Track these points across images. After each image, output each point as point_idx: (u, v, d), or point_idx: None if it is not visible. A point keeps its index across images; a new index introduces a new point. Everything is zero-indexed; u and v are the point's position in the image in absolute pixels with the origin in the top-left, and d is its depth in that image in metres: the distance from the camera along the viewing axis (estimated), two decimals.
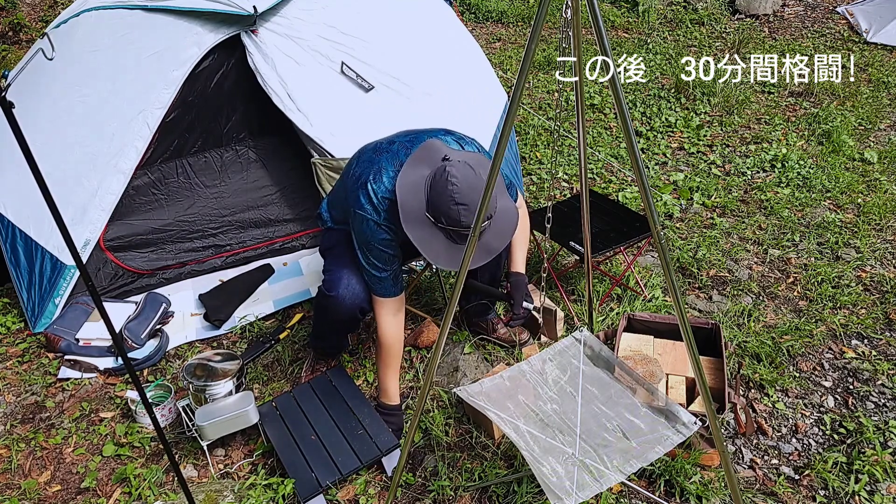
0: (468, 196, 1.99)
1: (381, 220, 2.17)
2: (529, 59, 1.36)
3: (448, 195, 2.00)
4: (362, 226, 2.20)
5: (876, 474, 2.27)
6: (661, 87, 5.43)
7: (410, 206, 2.08)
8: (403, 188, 2.09)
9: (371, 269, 2.26)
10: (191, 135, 3.19)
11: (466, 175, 2.02)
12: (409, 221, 2.07)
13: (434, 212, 2.05)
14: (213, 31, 3.00)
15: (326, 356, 2.73)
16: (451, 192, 2.00)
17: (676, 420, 1.96)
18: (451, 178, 2.00)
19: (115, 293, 3.10)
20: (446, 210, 2.02)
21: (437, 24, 3.71)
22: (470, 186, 2.01)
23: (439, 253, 2.08)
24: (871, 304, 3.09)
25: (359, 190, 2.21)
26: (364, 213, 2.18)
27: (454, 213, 2.01)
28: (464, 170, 2.03)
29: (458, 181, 2.00)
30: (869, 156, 4.33)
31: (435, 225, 2.07)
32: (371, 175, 2.20)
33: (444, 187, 2.01)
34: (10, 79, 3.25)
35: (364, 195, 2.18)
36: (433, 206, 2.04)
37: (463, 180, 2.00)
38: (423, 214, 2.07)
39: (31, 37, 6.17)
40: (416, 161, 2.14)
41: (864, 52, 6.00)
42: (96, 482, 2.36)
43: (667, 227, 3.70)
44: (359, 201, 2.19)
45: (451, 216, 2.02)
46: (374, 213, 2.17)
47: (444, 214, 2.03)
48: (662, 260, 1.51)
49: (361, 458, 2.28)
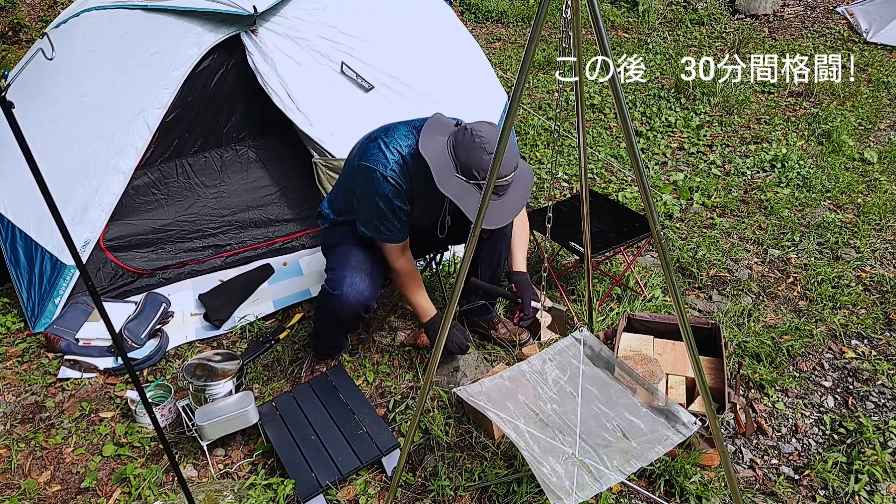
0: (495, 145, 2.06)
1: (388, 172, 2.21)
2: (529, 59, 1.37)
3: (478, 146, 2.08)
4: (368, 177, 2.24)
5: (876, 474, 2.27)
6: (661, 87, 5.43)
7: (440, 166, 2.13)
8: (429, 151, 2.14)
9: (380, 218, 2.29)
10: (191, 135, 3.19)
11: (489, 128, 2.12)
12: (443, 179, 2.12)
13: (465, 169, 2.11)
14: (213, 31, 3.00)
15: (326, 356, 2.73)
16: (480, 143, 2.08)
17: (676, 420, 1.96)
18: (476, 133, 2.09)
19: (115, 293, 3.10)
20: (478, 162, 2.08)
21: (437, 24, 3.71)
22: (494, 136, 2.11)
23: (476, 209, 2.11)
24: (871, 304, 3.09)
25: (368, 143, 2.28)
26: (370, 164, 2.22)
27: (487, 162, 2.06)
28: (485, 125, 2.12)
29: (483, 133, 2.09)
30: (869, 156, 4.33)
31: (468, 182, 2.12)
32: (382, 132, 2.29)
33: (471, 142, 2.09)
34: (10, 79, 3.25)
35: (374, 146, 2.24)
36: (463, 164, 2.11)
37: (488, 132, 2.10)
38: (452, 175, 2.12)
39: (31, 37, 6.17)
40: (430, 130, 2.21)
41: (864, 52, 6.00)
42: (96, 482, 2.36)
43: (667, 227, 3.70)
44: (367, 152, 2.25)
45: (484, 166, 2.08)
46: (384, 161, 2.21)
47: (477, 166, 2.09)
48: (662, 260, 1.51)
49: (361, 458, 2.28)
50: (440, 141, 2.16)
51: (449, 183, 2.12)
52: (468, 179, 2.12)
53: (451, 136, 2.16)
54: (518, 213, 2.29)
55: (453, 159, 2.13)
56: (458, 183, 2.13)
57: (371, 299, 2.38)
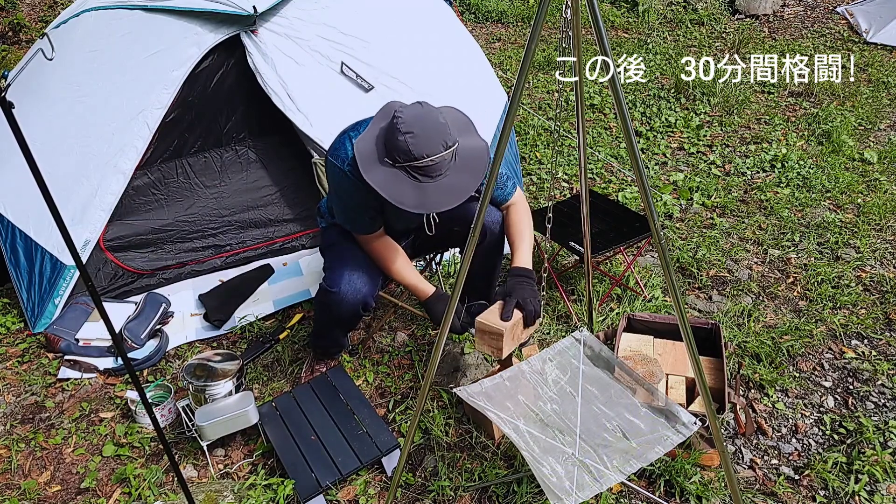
0: (413, 125, 1.97)
1: (346, 167, 2.18)
2: (529, 59, 1.37)
3: (394, 128, 1.99)
4: (332, 172, 2.25)
5: (876, 474, 2.27)
6: (660, 87, 5.43)
7: (367, 156, 2.06)
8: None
9: (347, 211, 2.30)
10: (191, 135, 3.19)
11: (413, 109, 2.01)
12: (368, 170, 2.04)
13: (389, 154, 2.03)
14: (213, 32, 3.00)
15: (326, 356, 2.73)
16: (396, 125, 1.98)
17: (676, 420, 1.96)
18: (397, 114, 2.00)
19: (115, 293, 3.10)
20: (395, 144, 1.99)
21: (437, 24, 3.71)
22: (415, 116, 1.98)
23: (404, 193, 2.04)
24: (871, 304, 3.09)
25: (338, 137, 2.25)
26: (333, 158, 2.22)
27: (402, 144, 1.97)
28: (412, 107, 2.03)
29: (402, 114, 1.99)
30: (869, 156, 4.33)
31: (393, 166, 2.04)
32: (352, 126, 2.26)
33: (391, 125, 2.01)
34: (10, 79, 3.25)
35: (340, 141, 2.23)
36: (387, 149, 2.03)
37: (408, 112, 2.00)
38: (378, 163, 2.05)
39: (31, 37, 6.17)
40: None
41: (864, 53, 6.00)
42: (96, 482, 2.36)
43: (667, 227, 3.70)
44: (334, 146, 2.24)
45: (401, 148, 1.98)
46: (344, 155, 2.19)
47: (396, 150, 2.00)
48: (662, 260, 1.51)
49: (361, 458, 2.28)
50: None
51: (373, 171, 2.04)
52: (392, 164, 2.03)
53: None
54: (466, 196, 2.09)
55: (381, 146, 2.06)
56: (382, 170, 2.04)
57: (369, 297, 2.38)
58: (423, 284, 2.39)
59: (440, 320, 1.96)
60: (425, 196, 2.03)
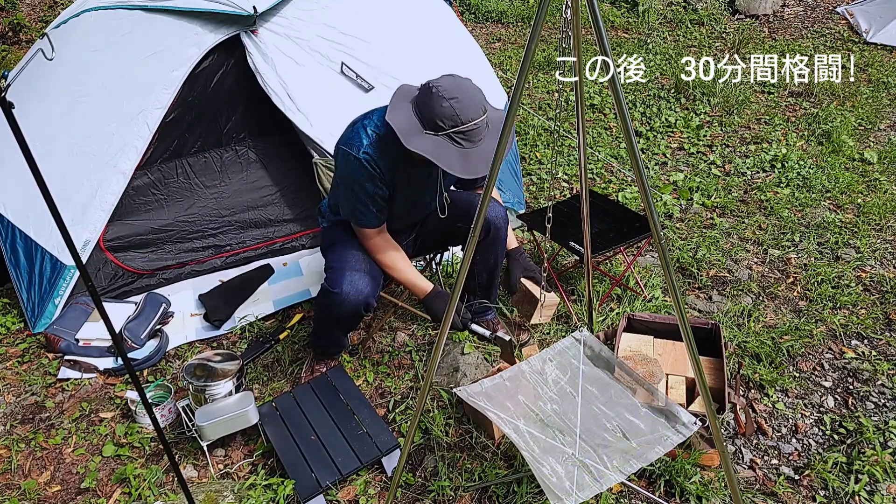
0: (455, 91, 2.05)
1: (361, 155, 2.20)
2: (529, 59, 1.37)
3: (436, 97, 2.05)
4: (344, 160, 2.25)
5: (876, 474, 2.27)
6: (660, 88, 5.43)
7: (406, 128, 2.10)
8: (394, 119, 2.12)
9: (355, 201, 2.30)
10: (191, 135, 3.19)
11: (448, 79, 2.09)
12: (411, 139, 2.08)
13: (430, 123, 2.07)
14: (213, 32, 3.00)
15: (326, 356, 2.73)
16: (438, 92, 2.05)
17: (676, 420, 1.96)
18: (433, 85, 2.07)
19: (115, 293, 3.10)
20: (440, 111, 2.05)
21: (437, 24, 3.71)
22: (455, 85, 2.06)
23: (451, 159, 2.09)
24: (871, 304, 3.09)
25: (349, 127, 2.28)
26: (345, 146, 2.23)
27: (447, 109, 2.03)
28: (444, 78, 2.10)
29: (440, 83, 2.07)
30: (869, 156, 4.33)
31: (436, 135, 2.08)
32: (363, 116, 2.29)
33: (429, 95, 2.07)
34: (10, 79, 3.26)
35: (352, 130, 2.25)
36: (427, 118, 2.08)
37: (445, 81, 2.08)
38: (421, 133, 2.09)
39: (31, 37, 6.17)
40: (397, 100, 2.19)
41: (864, 53, 6.00)
42: (96, 482, 2.36)
43: (667, 227, 3.70)
44: (345, 136, 2.26)
45: (447, 113, 2.04)
46: (358, 143, 2.21)
47: (440, 116, 2.05)
48: (662, 260, 1.51)
49: (361, 458, 2.28)
50: (405, 106, 2.14)
51: (417, 140, 2.09)
52: (436, 132, 2.08)
53: (413, 99, 2.14)
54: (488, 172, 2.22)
55: (418, 118, 2.10)
56: (427, 138, 2.09)
57: (371, 297, 2.38)
58: (421, 281, 2.40)
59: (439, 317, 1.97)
60: (469, 161, 2.08)
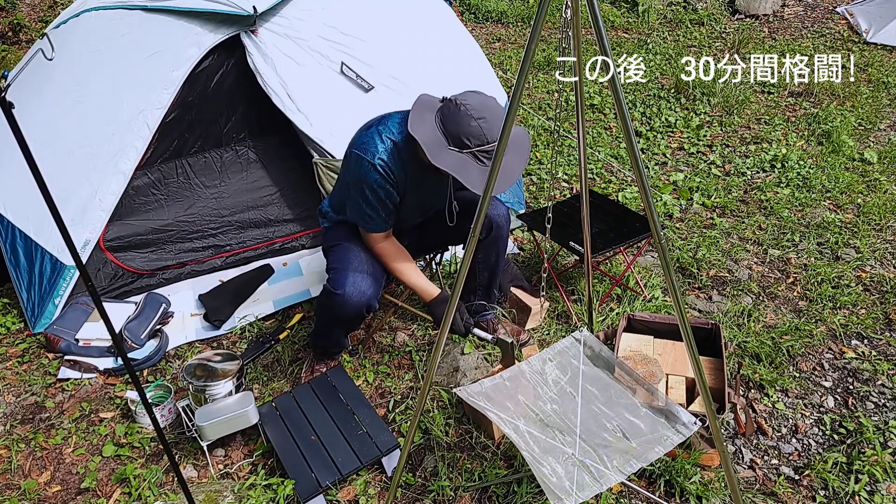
0: (483, 110, 2.09)
1: (376, 161, 2.22)
2: (529, 59, 1.37)
3: (465, 115, 2.08)
4: (357, 164, 2.26)
5: (876, 474, 2.27)
6: (660, 87, 5.43)
7: (432, 143, 2.13)
8: (419, 132, 2.14)
9: (365, 206, 2.30)
10: (191, 135, 3.19)
11: (474, 96, 2.13)
12: (436, 154, 2.11)
13: (456, 139, 2.11)
14: (213, 32, 3.00)
15: (326, 356, 2.73)
16: (466, 111, 2.08)
17: (676, 420, 1.96)
18: (461, 102, 2.10)
19: (115, 293, 3.10)
20: (467, 130, 2.08)
21: (437, 25, 3.71)
22: (482, 103, 2.10)
23: (475, 178, 2.11)
24: (871, 304, 3.09)
25: (363, 131, 2.29)
26: (360, 151, 2.24)
27: (475, 129, 2.07)
28: (468, 94, 2.13)
29: (468, 101, 2.10)
30: (869, 156, 4.33)
31: (460, 152, 2.12)
32: (377, 120, 2.31)
33: (457, 112, 2.10)
34: (10, 79, 3.25)
35: (367, 135, 2.26)
36: (453, 135, 2.11)
37: (472, 99, 2.11)
38: (446, 148, 2.12)
39: (30, 37, 6.17)
40: (418, 110, 2.21)
41: (864, 53, 6.00)
42: (96, 482, 2.36)
43: (667, 227, 3.70)
44: (360, 140, 2.27)
45: (475, 133, 2.08)
46: (373, 149, 2.22)
47: (467, 135, 2.09)
48: (662, 260, 1.51)
49: (361, 458, 2.28)
50: (429, 119, 2.16)
51: (443, 156, 2.11)
52: (461, 149, 2.11)
53: (437, 112, 2.17)
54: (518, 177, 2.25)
55: (443, 133, 2.13)
56: (452, 155, 2.12)
57: (373, 299, 2.38)
58: (429, 286, 2.41)
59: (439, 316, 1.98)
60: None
